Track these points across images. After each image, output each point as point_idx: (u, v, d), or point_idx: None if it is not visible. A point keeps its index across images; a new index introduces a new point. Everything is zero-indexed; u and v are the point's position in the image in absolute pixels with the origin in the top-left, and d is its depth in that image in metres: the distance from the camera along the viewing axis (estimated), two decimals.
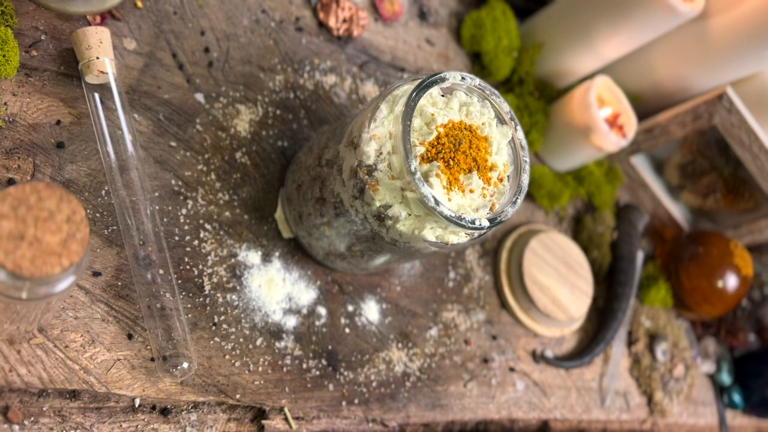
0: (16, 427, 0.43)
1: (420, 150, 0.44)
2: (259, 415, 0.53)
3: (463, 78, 0.46)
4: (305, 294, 0.58)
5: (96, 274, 0.48)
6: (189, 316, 0.51)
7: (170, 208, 0.53)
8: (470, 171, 0.45)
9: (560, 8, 0.76)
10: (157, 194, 0.53)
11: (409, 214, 0.45)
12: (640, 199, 0.87)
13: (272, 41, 0.63)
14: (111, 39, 0.51)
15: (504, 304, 0.71)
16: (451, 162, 0.44)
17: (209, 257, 0.54)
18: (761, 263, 0.96)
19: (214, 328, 0.52)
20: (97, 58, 0.49)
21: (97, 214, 0.49)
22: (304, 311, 0.57)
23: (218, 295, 0.53)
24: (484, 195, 0.46)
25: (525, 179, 0.47)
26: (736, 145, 0.74)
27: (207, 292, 0.53)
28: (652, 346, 0.81)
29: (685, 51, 0.74)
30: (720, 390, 0.89)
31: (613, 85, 0.75)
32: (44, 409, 0.44)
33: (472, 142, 0.45)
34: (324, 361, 0.57)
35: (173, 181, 0.54)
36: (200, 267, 0.53)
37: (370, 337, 0.60)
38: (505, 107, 0.48)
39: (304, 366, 0.56)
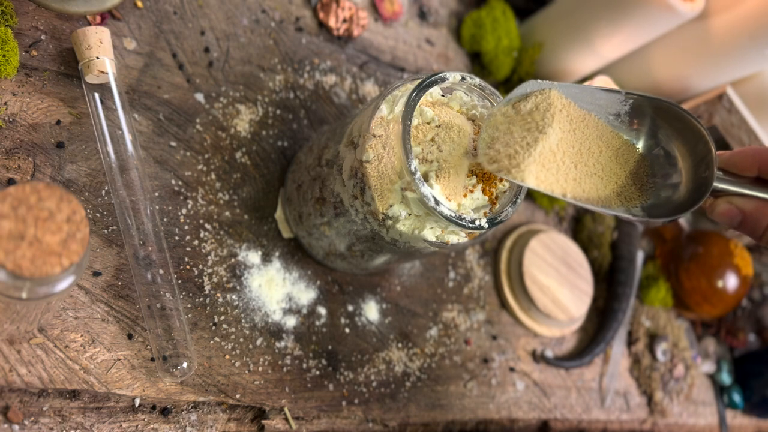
0: (16, 427, 0.43)
1: (420, 150, 0.44)
2: (259, 415, 0.53)
3: (463, 78, 0.46)
4: (305, 294, 0.58)
5: (96, 274, 0.48)
6: (189, 316, 0.51)
7: (170, 208, 0.53)
8: (470, 171, 0.45)
9: (560, 8, 0.76)
10: (157, 194, 0.53)
11: (409, 214, 0.45)
12: None
13: (272, 41, 0.63)
14: (111, 39, 0.51)
15: (504, 304, 0.71)
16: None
17: (209, 257, 0.54)
18: (761, 263, 0.96)
19: (214, 328, 0.52)
20: (97, 58, 0.49)
21: (97, 214, 0.49)
22: (304, 311, 0.57)
23: (218, 295, 0.53)
24: (484, 195, 0.46)
25: None
26: (736, 145, 0.74)
27: (207, 292, 0.53)
28: (652, 346, 0.81)
29: (685, 51, 0.74)
30: (720, 390, 0.89)
31: (613, 84, 0.75)
32: (44, 409, 0.44)
33: None
34: (324, 361, 0.57)
35: (173, 181, 0.54)
36: (200, 267, 0.53)
37: (370, 337, 0.60)
38: None
39: (304, 366, 0.56)
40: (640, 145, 0.43)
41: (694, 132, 0.41)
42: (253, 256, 0.56)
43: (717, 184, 0.40)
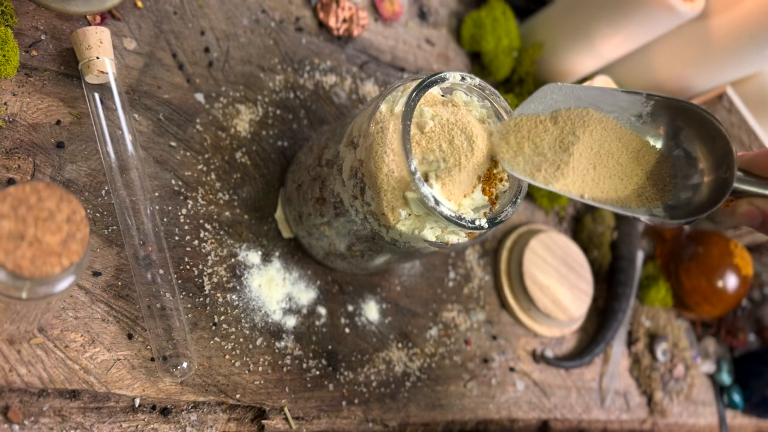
0: (16, 427, 0.43)
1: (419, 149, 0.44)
2: (259, 415, 0.53)
3: (463, 78, 0.46)
4: (305, 294, 0.58)
5: (96, 274, 0.48)
6: (189, 316, 0.51)
7: (170, 208, 0.53)
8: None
9: (560, 8, 0.76)
10: (157, 194, 0.53)
11: (409, 214, 0.45)
12: None
13: (272, 41, 0.63)
14: (111, 39, 0.51)
15: (504, 304, 0.71)
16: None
17: (209, 257, 0.54)
18: (761, 263, 0.96)
19: (214, 328, 0.52)
20: (97, 57, 0.49)
21: (97, 214, 0.49)
22: (304, 311, 0.57)
23: (218, 295, 0.53)
24: (484, 195, 0.46)
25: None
26: (735, 145, 0.74)
27: (207, 292, 0.53)
28: (652, 346, 0.81)
29: (685, 51, 0.74)
30: (720, 390, 0.89)
31: (613, 84, 0.75)
32: (44, 409, 0.44)
33: None
34: (324, 361, 0.57)
35: (173, 181, 0.54)
36: (200, 267, 0.53)
37: (370, 337, 0.60)
38: (505, 107, 0.48)
39: (304, 366, 0.56)
40: (661, 146, 0.43)
41: (715, 133, 0.41)
42: (253, 256, 0.56)
43: (738, 185, 0.39)
